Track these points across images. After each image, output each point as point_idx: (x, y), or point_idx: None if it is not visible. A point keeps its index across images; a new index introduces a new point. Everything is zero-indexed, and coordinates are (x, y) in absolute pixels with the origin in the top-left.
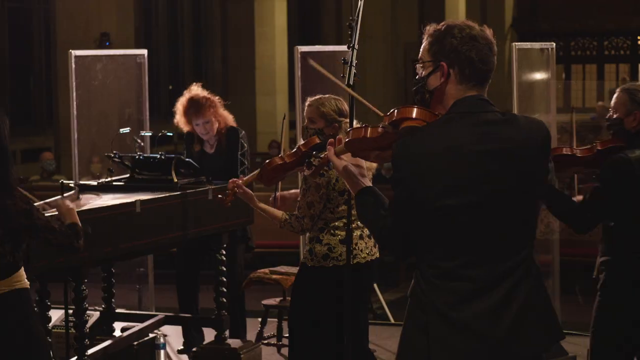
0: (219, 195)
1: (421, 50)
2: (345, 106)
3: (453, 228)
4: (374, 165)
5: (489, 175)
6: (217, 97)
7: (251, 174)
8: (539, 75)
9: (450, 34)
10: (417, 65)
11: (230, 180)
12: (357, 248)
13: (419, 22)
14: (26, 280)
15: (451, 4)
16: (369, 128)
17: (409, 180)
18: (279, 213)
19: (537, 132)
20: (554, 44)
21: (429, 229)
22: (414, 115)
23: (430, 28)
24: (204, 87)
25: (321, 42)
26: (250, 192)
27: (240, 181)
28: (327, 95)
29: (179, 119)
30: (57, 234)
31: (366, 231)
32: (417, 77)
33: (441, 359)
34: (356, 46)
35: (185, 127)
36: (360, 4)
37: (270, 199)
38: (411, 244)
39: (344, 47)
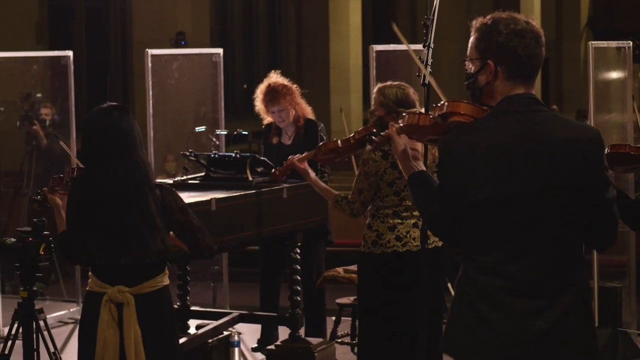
0: (273, 170)
1: (469, 45)
2: (411, 96)
3: (488, 224)
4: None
5: (526, 175)
6: (295, 86)
7: (307, 153)
8: (615, 74)
9: (496, 30)
10: (467, 62)
11: (290, 157)
12: (408, 236)
13: None
14: (167, 277)
15: (526, 3)
16: (422, 116)
17: (451, 174)
18: (332, 193)
19: (586, 139)
20: (631, 43)
21: (468, 223)
22: (462, 110)
23: (476, 22)
24: None
25: (395, 41)
26: (306, 168)
27: (297, 158)
28: (395, 83)
29: (259, 106)
30: (205, 235)
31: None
32: (467, 72)
33: (464, 349)
34: (432, 45)
35: (264, 115)
36: (436, 3)
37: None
38: (454, 233)
39: (418, 46)
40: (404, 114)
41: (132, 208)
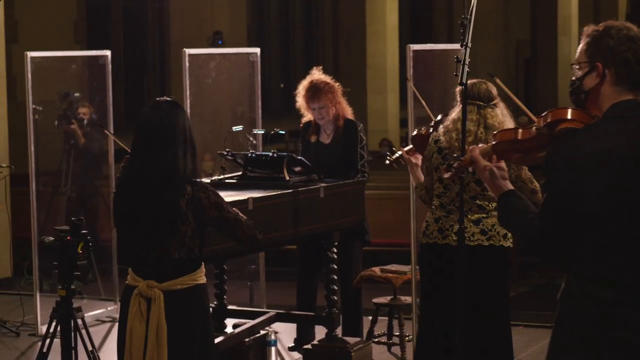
0: (387, 157)
1: (578, 51)
2: (476, 90)
3: (603, 232)
4: None
5: (637, 182)
6: (338, 85)
7: (409, 147)
8: None
9: (608, 35)
10: (574, 66)
11: (402, 149)
12: (450, 230)
13: (531, 21)
14: (204, 276)
15: (564, 2)
16: (520, 130)
17: (563, 182)
18: (418, 180)
19: None
20: None
21: (581, 232)
22: (569, 116)
23: (588, 29)
24: None
25: (432, 40)
26: (411, 158)
27: (403, 151)
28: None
29: (300, 102)
30: (244, 227)
31: (470, 216)
32: (573, 78)
33: None
34: (469, 44)
35: (304, 111)
36: (474, 2)
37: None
38: (560, 248)
39: (455, 45)
40: (495, 132)
41: (161, 202)
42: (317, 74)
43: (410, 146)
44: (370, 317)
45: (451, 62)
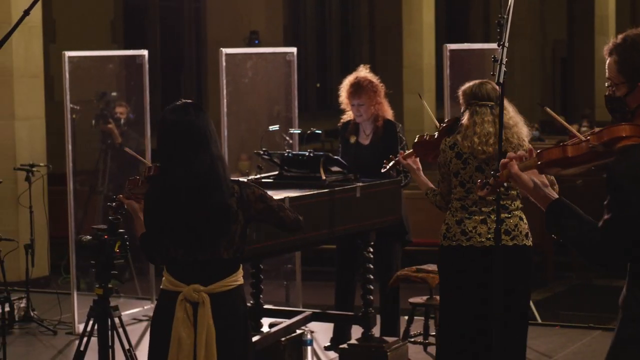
0: (384, 165)
1: (608, 68)
2: (485, 91)
3: None
4: None
5: None
6: (382, 85)
7: (409, 151)
8: None
9: (636, 50)
10: (607, 85)
11: (398, 155)
12: (474, 231)
13: (568, 20)
14: (242, 277)
15: (600, 2)
16: (569, 147)
17: (631, 200)
18: (426, 186)
19: None
20: None
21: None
22: (625, 133)
23: (610, 44)
24: None
25: (468, 39)
26: (411, 164)
27: (401, 157)
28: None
29: (342, 96)
30: (287, 212)
31: (493, 216)
32: (608, 94)
33: None
34: (506, 44)
35: (346, 107)
36: (511, 1)
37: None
38: (627, 259)
39: (492, 45)
40: (539, 151)
41: (208, 203)
42: (363, 71)
43: (410, 151)
44: (407, 317)
45: (487, 61)
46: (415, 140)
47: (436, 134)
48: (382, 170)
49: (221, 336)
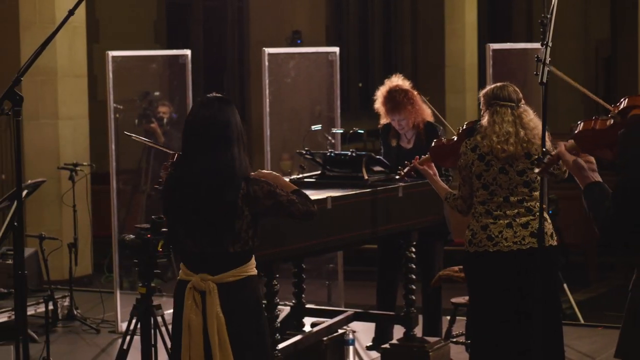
0: (399, 171)
1: None
2: (506, 93)
3: None
4: None
5: None
6: (416, 92)
7: (425, 157)
8: None
9: None
10: None
11: (413, 161)
12: (500, 236)
13: (611, 19)
14: (255, 268)
15: None
16: (599, 120)
17: (634, 165)
18: (445, 190)
19: None
20: None
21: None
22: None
23: None
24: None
25: (511, 39)
26: (427, 169)
27: (416, 162)
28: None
29: (378, 107)
30: (298, 205)
31: (518, 220)
32: None
33: None
34: (550, 44)
35: (384, 117)
36: (555, 1)
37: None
38: (631, 232)
39: (535, 45)
40: (578, 122)
41: (220, 201)
42: (395, 80)
43: (426, 156)
44: (449, 317)
45: (530, 61)
46: (433, 145)
47: (455, 137)
48: (397, 177)
49: (231, 324)
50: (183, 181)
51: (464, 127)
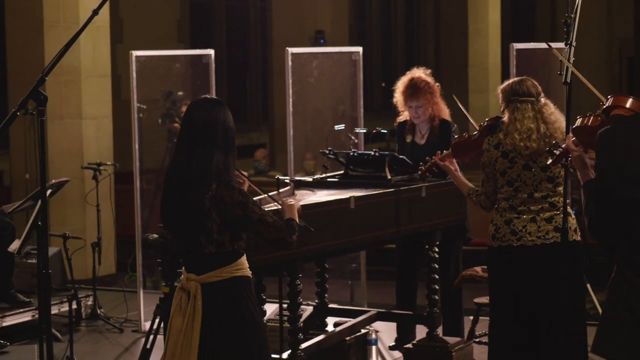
0: (420, 167)
1: None
2: (525, 88)
3: (637, 221)
4: None
5: None
6: (437, 85)
7: (446, 152)
8: None
9: None
10: None
11: (434, 156)
12: (524, 230)
13: (635, 19)
14: (248, 269)
15: None
16: (592, 116)
17: (605, 168)
18: (467, 186)
19: None
20: None
21: (620, 220)
22: (627, 105)
23: None
24: None
25: (534, 38)
26: (448, 165)
27: (437, 158)
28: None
29: (397, 97)
30: (270, 228)
31: (542, 215)
32: None
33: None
34: (574, 43)
35: (401, 108)
36: (578, 1)
37: None
38: (606, 232)
39: (558, 44)
40: (577, 117)
41: (188, 199)
42: (417, 72)
43: (447, 152)
44: (472, 317)
45: (554, 61)
46: (454, 141)
47: (476, 133)
48: (419, 174)
49: (210, 326)
50: (164, 182)
51: (486, 124)
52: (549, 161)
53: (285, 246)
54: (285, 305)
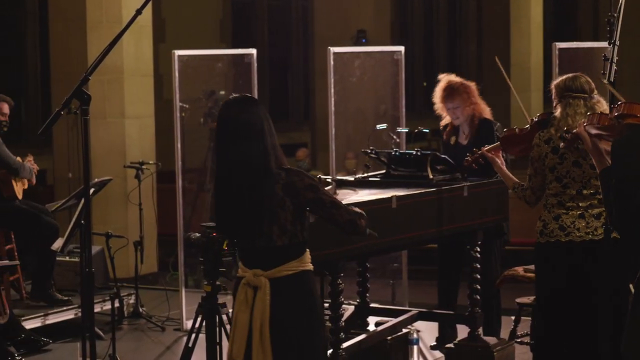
0: (467, 157)
1: None
2: (579, 84)
3: None
4: None
5: None
6: (473, 84)
7: (494, 144)
8: None
9: None
10: None
11: (482, 148)
12: (572, 226)
13: None
14: (311, 263)
15: None
16: (602, 116)
17: (620, 175)
18: (512, 180)
19: None
20: None
21: (634, 223)
22: (638, 113)
23: None
24: None
25: (577, 38)
26: (494, 157)
27: (485, 149)
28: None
29: (437, 104)
30: (342, 210)
31: (590, 211)
32: None
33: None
34: (617, 42)
35: (442, 113)
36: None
37: None
38: (629, 232)
39: (601, 44)
40: (589, 113)
41: (258, 191)
42: (451, 76)
43: (496, 144)
44: (513, 317)
45: (597, 60)
46: (504, 134)
47: (528, 126)
48: (465, 164)
49: (278, 321)
50: (218, 182)
51: (537, 118)
52: (562, 145)
53: (357, 229)
54: (326, 305)
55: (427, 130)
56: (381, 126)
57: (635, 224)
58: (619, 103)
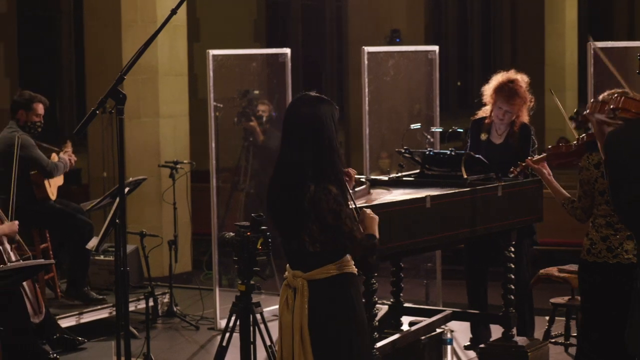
0: (512, 168)
1: None
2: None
3: None
4: None
5: None
6: (530, 97)
7: (541, 156)
8: None
9: None
10: None
11: (527, 159)
12: (620, 248)
13: None
14: (353, 266)
15: None
16: (603, 104)
17: (609, 169)
18: (563, 195)
19: None
20: None
21: (628, 220)
22: (633, 108)
23: None
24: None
25: (612, 37)
26: (541, 168)
27: (530, 161)
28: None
29: (487, 90)
30: (356, 244)
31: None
32: None
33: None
34: None
35: (488, 101)
36: None
37: None
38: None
39: (637, 43)
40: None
41: (291, 199)
42: (517, 75)
43: (542, 156)
44: (547, 317)
45: (632, 60)
46: (550, 149)
47: (573, 145)
48: (510, 176)
49: (317, 323)
50: (272, 179)
51: (585, 139)
52: (573, 125)
53: (367, 267)
54: None
55: (462, 130)
56: (415, 126)
57: (625, 214)
58: (616, 95)
